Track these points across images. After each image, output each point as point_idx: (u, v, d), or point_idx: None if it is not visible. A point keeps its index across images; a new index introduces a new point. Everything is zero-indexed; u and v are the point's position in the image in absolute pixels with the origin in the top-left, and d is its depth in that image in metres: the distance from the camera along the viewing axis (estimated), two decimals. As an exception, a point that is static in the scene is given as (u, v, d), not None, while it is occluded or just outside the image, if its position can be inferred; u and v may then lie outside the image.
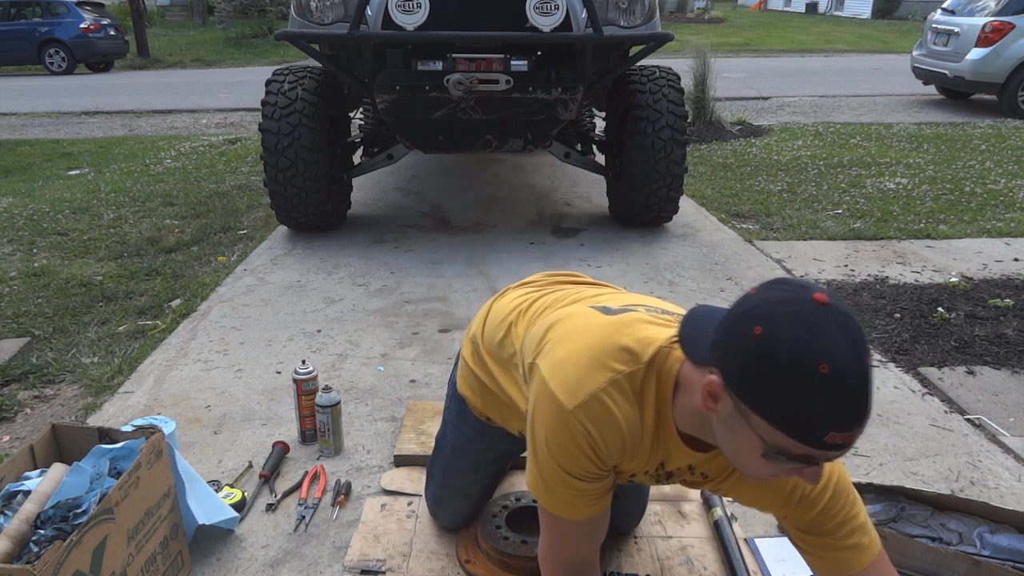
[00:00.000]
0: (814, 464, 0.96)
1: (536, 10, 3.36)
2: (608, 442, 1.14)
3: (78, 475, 1.44)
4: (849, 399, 0.90)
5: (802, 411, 0.91)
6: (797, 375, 0.90)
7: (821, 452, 0.93)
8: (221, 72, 14.61)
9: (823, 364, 0.89)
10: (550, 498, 1.22)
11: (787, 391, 0.91)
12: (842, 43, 18.16)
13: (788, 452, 0.95)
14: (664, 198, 3.94)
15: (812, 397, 0.90)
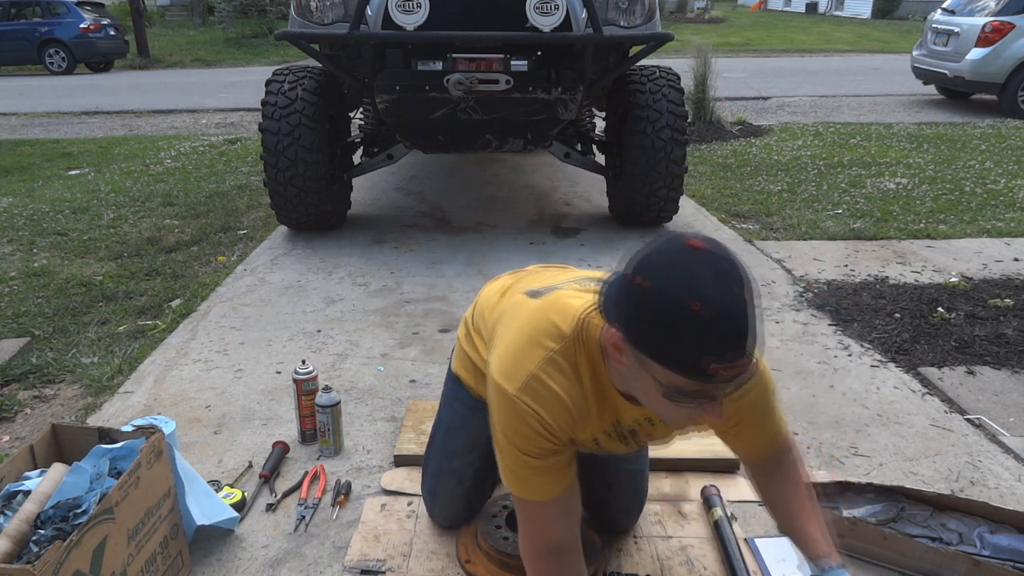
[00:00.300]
0: (713, 400, 1.04)
1: (536, 10, 3.36)
2: (556, 416, 1.21)
3: (78, 475, 1.44)
4: (721, 331, 0.97)
5: (683, 347, 0.99)
6: (673, 315, 0.98)
7: (710, 384, 1.01)
8: (221, 72, 14.61)
9: (695, 302, 0.97)
10: (517, 483, 1.28)
11: (667, 331, 0.99)
12: (842, 43, 18.16)
13: (684, 390, 1.03)
14: (664, 198, 3.94)
15: (688, 333, 0.98)
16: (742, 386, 1.05)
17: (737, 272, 1.01)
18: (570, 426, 1.23)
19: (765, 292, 3.31)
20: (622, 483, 1.71)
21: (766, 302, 3.20)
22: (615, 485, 1.72)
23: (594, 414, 1.26)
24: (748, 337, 0.99)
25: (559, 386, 1.21)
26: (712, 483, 1.92)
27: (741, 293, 1.00)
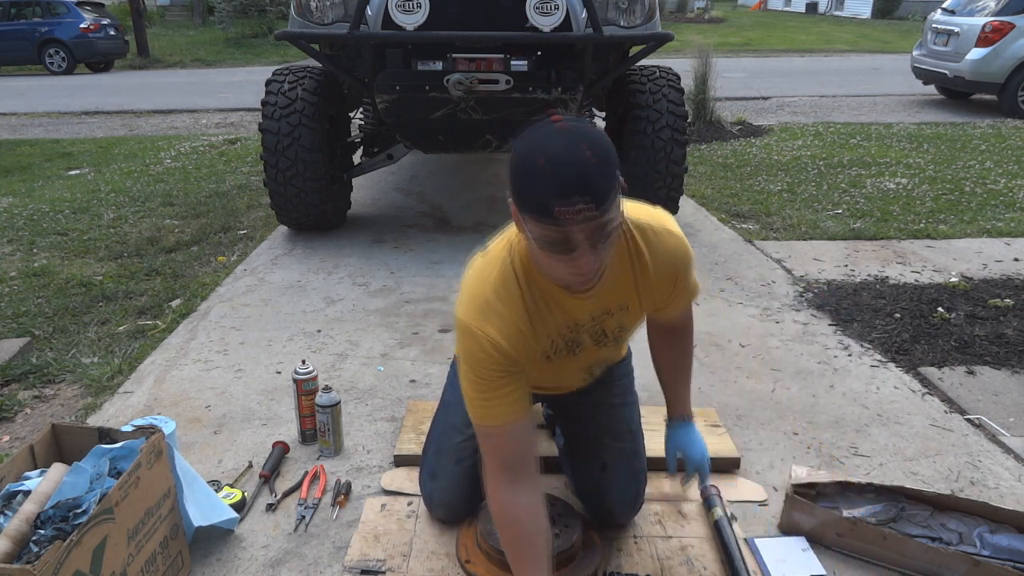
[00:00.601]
0: (572, 250, 1.19)
1: (536, 10, 3.36)
2: (505, 335, 1.36)
3: (78, 475, 1.44)
4: (562, 177, 1.14)
5: (533, 193, 1.17)
6: (525, 168, 1.17)
7: (562, 228, 1.16)
8: (221, 72, 14.61)
9: (541, 157, 1.16)
10: (475, 409, 1.43)
11: (522, 182, 1.18)
12: (842, 43, 18.16)
13: (547, 238, 1.19)
14: (664, 198, 3.93)
15: (537, 182, 1.16)
16: (600, 239, 1.19)
17: (593, 139, 1.17)
18: (519, 341, 1.38)
19: (765, 292, 3.31)
20: (617, 464, 1.73)
21: (766, 302, 3.20)
22: (609, 466, 1.73)
23: (544, 319, 1.42)
24: (589, 185, 1.14)
25: (504, 304, 1.38)
26: (712, 483, 1.91)
27: (586, 152, 1.15)
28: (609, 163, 1.17)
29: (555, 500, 1.77)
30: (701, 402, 2.39)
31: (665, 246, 1.46)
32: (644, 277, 1.46)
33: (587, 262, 1.21)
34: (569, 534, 1.65)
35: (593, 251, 1.20)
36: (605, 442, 1.76)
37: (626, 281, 1.46)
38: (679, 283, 1.52)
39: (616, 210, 1.21)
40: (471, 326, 1.37)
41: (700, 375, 2.57)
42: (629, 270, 1.45)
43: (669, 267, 1.47)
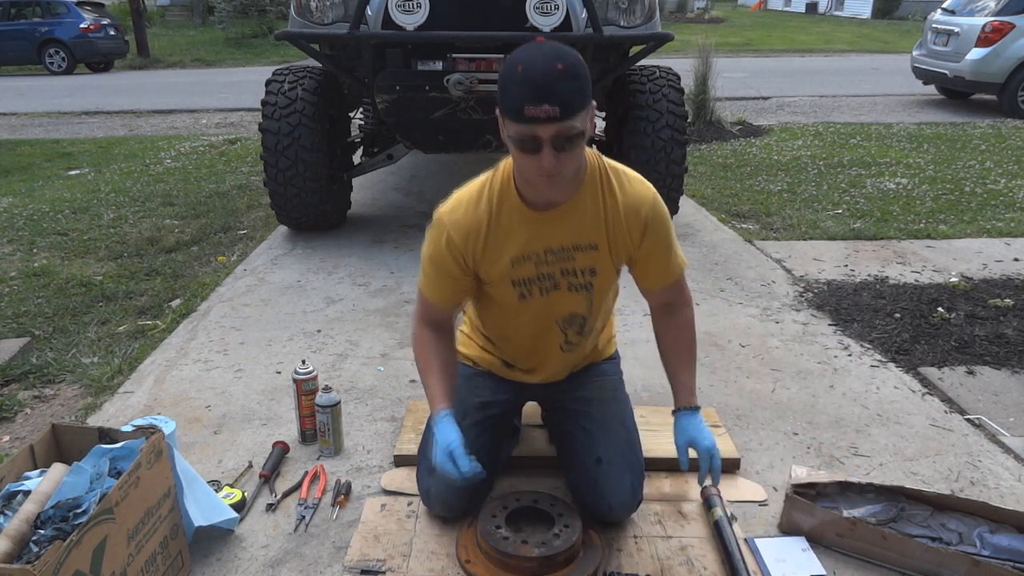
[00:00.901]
0: (538, 149, 1.38)
1: (536, 10, 3.36)
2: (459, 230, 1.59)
3: (78, 475, 1.44)
4: (533, 83, 1.34)
5: (509, 96, 1.38)
6: (506, 77, 1.39)
7: (531, 125, 1.35)
8: (221, 72, 14.61)
9: (519, 66, 1.37)
10: (421, 278, 1.72)
11: (503, 88, 1.40)
12: (842, 43, 18.16)
13: (520, 134, 1.38)
14: (664, 198, 3.90)
15: (512, 85, 1.37)
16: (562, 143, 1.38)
17: (566, 57, 1.36)
18: (472, 241, 1.60)
19: (765, 292, 3.31)
20: (612, 457, 1.74)
21: (766, 302, 3.20)
22: (604, 459, 1.74)
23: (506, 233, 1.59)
24: (554, 94, 1.33)
25: (471, 205, 1.60)
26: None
27: (558, 65, 1.34)
28: (578, 78, 1.36)
29: (555, 500, 1.78)
30: (701, 402, 2.37)
31: (636, 190, 1.62)
32: (614, 216, 1.60)
33: (549, 161, 1.39)
34: (569, 534, 1.65)
35: (556, 153, 1.39)
36: (599, 437, 1.78)
37: (596, 218, 1.60)
38: (651, 235, 1.63)
39: (582, 121, 1.39)
40: (439, 216, 1.63)
41: (700, 375, 2.55)
42: (600, 207, 1.59)
43: (638, 209, 1.60)
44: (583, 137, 1.41)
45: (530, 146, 1.39)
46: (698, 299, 3.23)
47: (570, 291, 1.66)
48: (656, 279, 1.71)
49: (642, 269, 1.70)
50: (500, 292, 1.68)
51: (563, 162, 1.41)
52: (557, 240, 1.60)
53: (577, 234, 1.60)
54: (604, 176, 1.60)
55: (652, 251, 1.65)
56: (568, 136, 1.37)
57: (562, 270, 1.64)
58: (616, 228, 1.60)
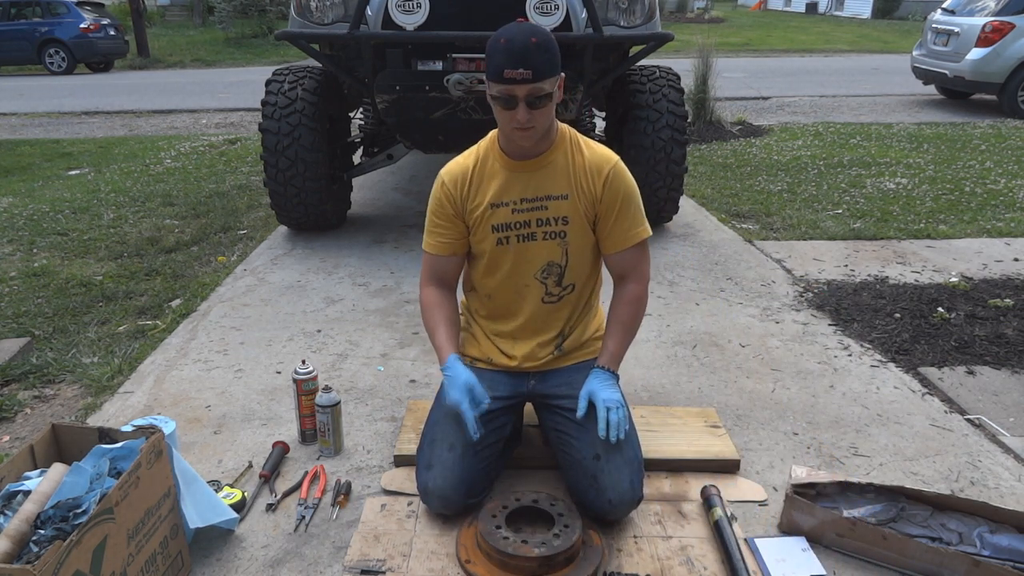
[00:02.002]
0: (514, 106, 1.68)
1: (536, 10, 3.36)
2: (451, 175, 1.88)
3: (78, 475, 1.44)
4: (511, 51, 1.64)
5: (492, 62, 1.67)
6: (491, 48, 1.68)
7: (506, 85, 1.66)
8: (221, 72, 14.61)
9: (501, 39, 1.67)
10: (425, 239, 1.94)
11: (489, 55, 1.69)
12: (842, 43, 18.16)
13: (498, 95, 1.68)
14: (664, 198, 3.93)
15: (495, 53, 1.67)
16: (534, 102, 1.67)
17: (540, 34, 1.66)
18: (461, 184, 1.87)
19: (765, 292, 3.31)
20: (610, 452, 1.74)
21: (766, 302, 3.20)
22: (603, 455, 1.75)
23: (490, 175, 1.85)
24: (530, 60, 1.63)
25: (462, 157, 1.90)
26: (712, 483, 1.92)
27: (532, 40, 1.64)
28: (548, 51, 1.66)
29: (555, 500, 1.78)
30: (701, 402, 2.39)
31: (602, 152, 1.87)
32: (580, 170, 1.83)
33: (523, 114, 1.68)
34: (569, 534, 1.65)
35: (528, 110, 1.68)
36: (596, 433, 1.77)
37: (565, 171, 1.84)
38: (610, 191, 1.83)
39: (550, 85, 1.68)
40: (439, 176, 1.90)
41: (700, 375, 2.57)
42: (569, 162, 1.84)
43: (601, 166, 1.84)
44: (551, 98, 1.70)
45: (508, 103, 1.68)
46: (698, 299, 3.23)
47: (545, 239, 1.87)
48: (615, 241, 1.87)
49: (603, 227, 1.87)
50: (482, 240, 1.89)
51: (535, 117, 1.70)
52: (532, 190, 1.84)
53: (550, 185, 1.83)
54: (573, 138, 1.87)
55: (611, 207, 1.84)
56: (538, 96, 1.67)
57: (537, 219, 1.85)
58: (582, 180, 1.83)
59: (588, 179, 1.83)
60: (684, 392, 2.45)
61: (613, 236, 1.87)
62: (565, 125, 1.89)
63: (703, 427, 2.16)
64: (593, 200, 1.84)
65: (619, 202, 1.84)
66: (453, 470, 1.77)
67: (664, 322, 2.99)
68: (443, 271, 1.96)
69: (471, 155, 1.90)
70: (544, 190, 1.84)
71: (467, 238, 1.92)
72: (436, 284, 1.96)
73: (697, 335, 2.88)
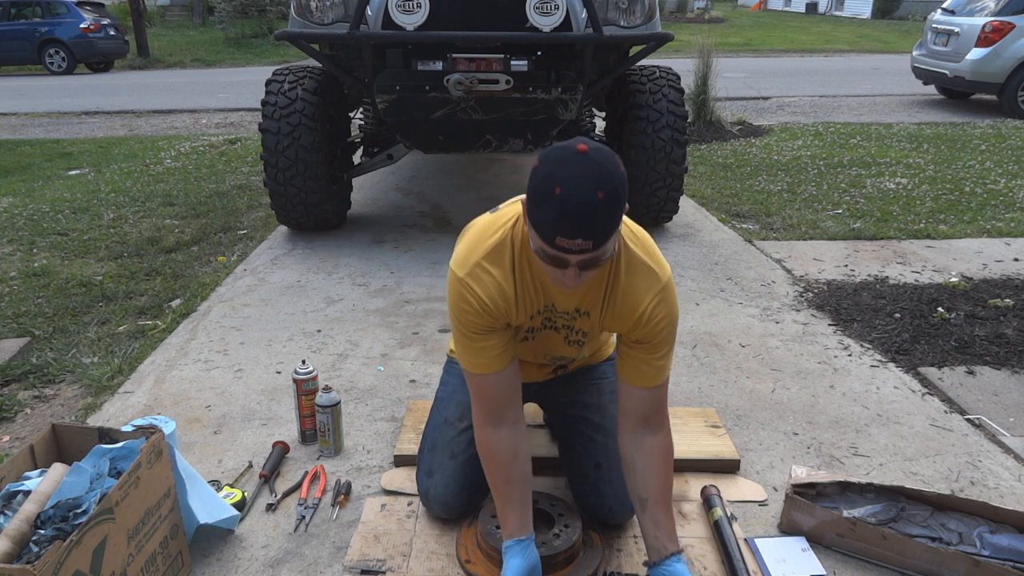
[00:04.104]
0: (564, 266, 1.32)
1: (536, 10, 3.36)
2: (490, 297, 1.49)
3: (78, 475, 1.44)
4: (570, 216, 1.24)
5: (542, 220, 1.27)
6: (542, 194, 1.26)
7: (557, 252, 1.29)
8: (221, 72, 14.61)
9: (558, 188, 1.24)
10: (464, 357, 1.56)
11: (536, 205, 1.28)
12: (842, 43, 18.16)
13: (547, 253, 1.31)
14: (664, 198, 3.93)
15: (548, 209, 1.26)
16: (591, 266, 1.33)
17: (609, 181, 1.25)
18: (503, 305, 1.50)
19: (765, 292, 3.31)
20: (610, 462, 1.73)
21: (766, 302, 3.20)
22: (603, 464, 1.74)
23: (529, 296, 1.53)
24: (591, 229, 1.25)
25: (496, 271, 1.50)
26: (712, 483, 1.92)
27: (597, 194, 1.24)
28: (617, 204, 1.27)
29: (555, 500, 1.78)
30: (701, 402, 2.39)
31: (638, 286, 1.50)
32: (612, 294, 1.52)
33: (572, 280, 1.35)
34: (569, 534, 1.65)
35: (579, 273, 1.34)
36: (597, 440, 1.78)
37: (596, 289, 1.53)
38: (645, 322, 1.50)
39: (612, 243, 1.33)
40: (461, 280, 1.50)
41: (700, 375, 2.57)
42: (602, 282, 1.52)
43: (634, 306, 1.50)
44: (611, 256, 1.36)
45: (554, 263, 1.33)
46: (698, 299, 3.23)
47: (567, 344, 1.66)
48: (633, 376, 1.57)
49: (623, 359, 1.58)
50: None
51: (585, 277, 1.37)
52: (564, 304, 1.56)
53: (579, 300, 1.55)
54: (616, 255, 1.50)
55: (639, 340, 1.53)
56: (599, 263, 1.34)
57: (564, 324, 1.62)
58: (610, 307, 1.53)
59: (617, 311, 1.53)
60: (684, 392, 2.45)
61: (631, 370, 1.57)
62: None
63: (703, 427, 2.16)
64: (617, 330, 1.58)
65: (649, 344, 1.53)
66: (455, 478, 1.76)
67: (664, 322, 2.99)
68: (500, 395, 1.56)
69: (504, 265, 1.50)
70: (575, 304, 1.56)
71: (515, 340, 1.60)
72: (496, 421, 1.56)
73: (697, 335, 2.88)
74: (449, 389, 1.91)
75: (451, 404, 1.86)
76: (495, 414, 1.57)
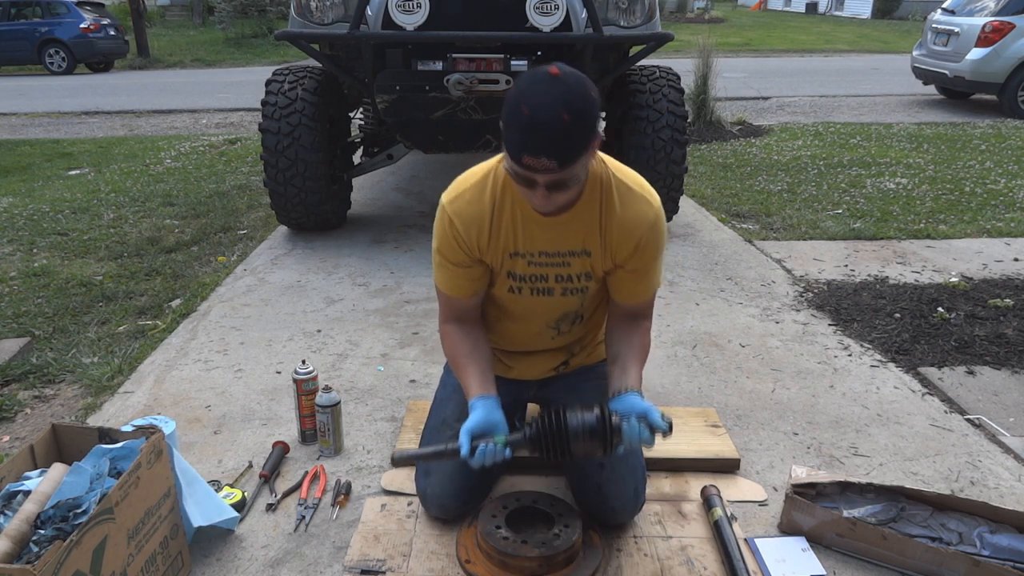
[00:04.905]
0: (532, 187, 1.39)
1: (536, 10, 3.36)
2: (466, 229, 1.59)
3: (78, 475, 1.44)
4: (535, 134, 1.29)
5: (511, 139, 1.34)
6: (511, 114, 1.32)
7: (525, 171, 1.36)
8: (221, 72, 14.61)
9: (525, 108, 1.30)
10: (437, 274, 1.69)
11: (507, 126, 1.34)
12: (842, 43, 18.16)
13: (517, 174, 1.39)
14: (664, 198, 3.88)
15: (515, 130, 1.32)
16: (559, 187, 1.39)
17: (576, 104, 1.30)
18: (477, 237, 1.60)
19: (765, 292, 3.31)
20: (614, 461, 1.73)
21: (766, 302, 3.20)
22: (607, 464, 1.74)
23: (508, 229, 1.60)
24: (555, 149, 1.30)
25: (474, 195, 1.60)
26: (712, 483, 1.92)
27: (563, 116, 1.28)
28: (584, 127, 1.31)
29: (555, 500, 1.78)
30: (701, 402, 2.39)
31: (636, 210, 1.58)
32: (608, 227, 1.58)
33: (541, 201, 1.43)
34: (569, 534, 1.65)
35: (548, 194, 1.40)
36: None
37: (592, 227, 1.59)
38: (641, 251, 1.59)
39: (582, 166, 1.38)
40: (444, 208, 1.63)
41: (700, 375, 2.57)
42: (597, 217, 1.58)
43: (632, 230, 1.57)
44: (580, 180, 1.43)
45: (523, 183, 1.41)
46: (698, 299, 3.23)
47: (564, 295, 1.70)
48: (627, 296, 1.69)
49: (617, 282, 1.68)
50: (493, 284, 1.71)
51: (556, 199, 1.43)
52: (552, 244, 1.61)
53: (572, 240, 1.60)
54: (606, 188, 1.57)
55: (635, 269, 1.64)
56: (566, 184, 1.39)
57: (556, 275, 1.65)
58: (609, 240, 1.60)
59: (615, 241, 1.60)
60: (684, 392, 2.45)
61: (626, 291, 1.69)
62: (599, 162, 1.59)
63: (703, 427, 2.16)
64: (615, 261, 1.64)
65: (645, 266, 1.64)
66: (452, 478, 1.76)
67: (664, 322, 2.99)
68: (461, 310, 1.72)
69: (484, 192, 1.60)
70: (567, 244, 1.61)
71: (486, 278, 1.69)
72: (456, 322, 1.73)
73: (697, 335, 2.88)
74: (448, 390, 1.91)
75: (449, 405, 1.87)
76: (458, 318, 1.73)
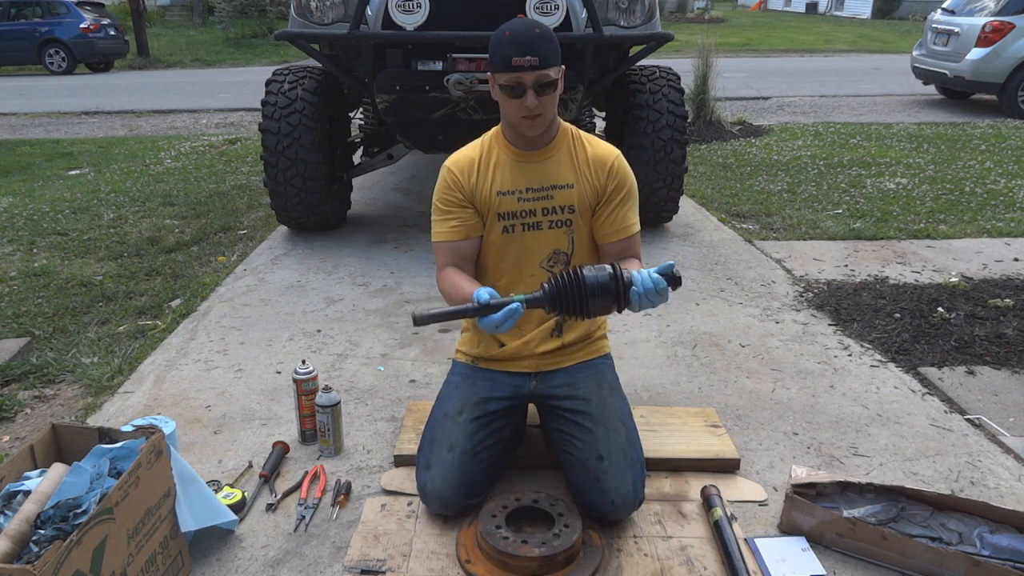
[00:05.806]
0: (521, 94, 1.71)
1: (536, 10, 3.36)
2: (460, 170, 1.88)
3: (78, 475, 1.44)
4: (517, 40, 1.68)
5: (498, 52, 1.71)
6: (496, 39, 1.72)
7: (516, 73, 1.69)
8: (221, 72, 14.61)
9: (507, 31, 1.71)
10: (434, 229, 1.91)
11: (495, 48, 1.73)
12: (842, 43, 18.16)
13: (505, 85, 1.72)
14: (664, 198, 3.94)
15: (501, 45, 1.71)
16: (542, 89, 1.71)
17: (542, 25, 1.73)
18: (467, 171, 1.88)
19: (765, 292, 3.31)
20: (613, 454, 1.75)
21: (766, 302, 3.20)
22: (606, 456, 1.75)
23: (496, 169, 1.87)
24: (535, 48, 1.68)
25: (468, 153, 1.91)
26: (712, 483, 1.92)
27: (536, 30, 1.70)
28: (552, 40, 1.71)
29: (555, 500, 1.78)
30: (701, 402, 2.39)
31: (604, 147, 1.92)
32: (584, 162, 1.88)
33: (531, 101, 1.71)
34: (569, 534, 1.65)
35: (536, 97, 1.71)
36: (599, 434, 1.79)
37: (569, 162, 1.88)
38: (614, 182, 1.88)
39: (556, 72, 1.72)
40: (446, 165, 1.91)
41: (700, 375, 2.57)
42: (572, 154, 1.88)
43: (604, 159, 1.89)
44: (556, 86, 1.74)
45: (516, 91, 1.71)
46: (698, 299, 3.23)
47: (551, 228, 1.88)
48: (616, 230, 1.90)
49: (602, 215, 1.89)
50: (488, 229, 1.89)
51: (542, 103, 1.73)
52: (537, 179, 1.86)
53: (555, 175, 1.87)
54: (575, 133, 1.92)
55: (614, 197, 1.88)
56: (545, 83, 1.71)
57: (543, 208, 1.87)
58: (587, 171, 1.88)
59: (592, 170, 1.88)
60: (684, 392, 2.45)
61: (614, 225, 1.89)
62: (566, 123, 1.93)
63: (703, 427, 2.16)
64: (597, 190, 1.88)
65: (623, 193, 1.89)
66: (452, 471, 1.77)
67: (664, 322, 2.99)
68: (458, 255, 1.89)
69: (475, 147, 1.92)
70: (549, 180, 1.86)
71: (480, 221, 1.89)
72: (452, 265, 1.90)
73: (697, 335, 2.88)
74: (451, 387, 1.95)
75: (452, 399, 1.90)
76: (455, 264, 1.89)
